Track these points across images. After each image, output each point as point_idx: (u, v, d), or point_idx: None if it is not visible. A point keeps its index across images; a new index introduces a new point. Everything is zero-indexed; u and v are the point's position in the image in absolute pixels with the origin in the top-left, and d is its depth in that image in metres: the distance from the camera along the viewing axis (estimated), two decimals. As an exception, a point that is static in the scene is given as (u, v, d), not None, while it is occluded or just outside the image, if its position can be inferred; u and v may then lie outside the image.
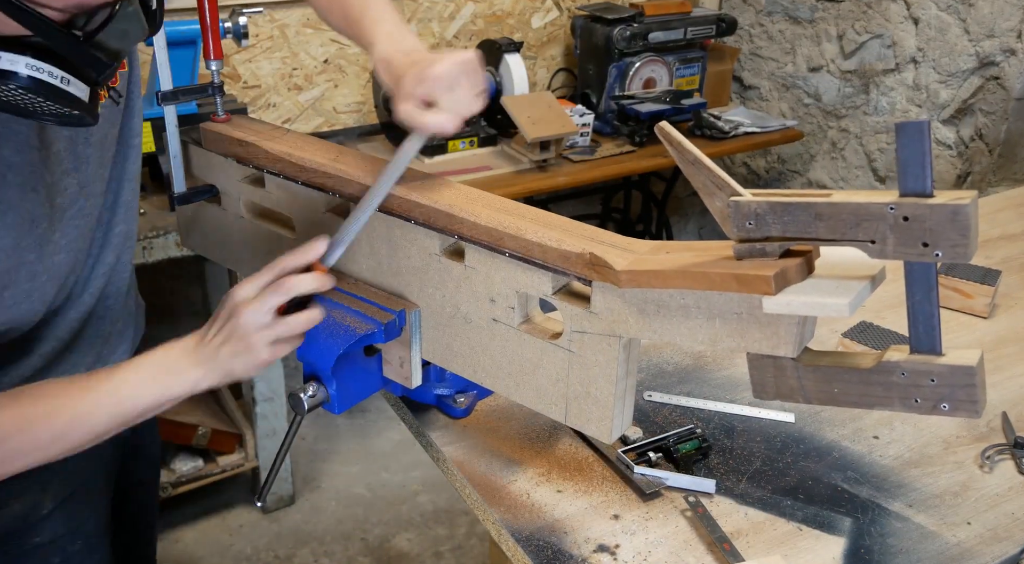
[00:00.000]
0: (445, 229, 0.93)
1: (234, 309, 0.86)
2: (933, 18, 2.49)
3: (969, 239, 0.69)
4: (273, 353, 0.88)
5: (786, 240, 0.76)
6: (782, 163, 3.15)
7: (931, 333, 0.77)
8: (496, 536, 0.98)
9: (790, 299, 0.75)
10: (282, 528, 2.37)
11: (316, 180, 1.02)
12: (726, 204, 0.77)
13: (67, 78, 0.76)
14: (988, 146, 2.46)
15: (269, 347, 0.87)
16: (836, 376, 0.82)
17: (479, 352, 0.96)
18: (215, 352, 0.87)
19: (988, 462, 1.06)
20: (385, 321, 0.95)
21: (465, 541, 2.35)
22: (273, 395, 2.27)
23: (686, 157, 0.77)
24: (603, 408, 0.88)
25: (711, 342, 0.81)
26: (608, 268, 0.82)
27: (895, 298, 1.37)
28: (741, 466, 1.05)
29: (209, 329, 0.88)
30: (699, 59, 2.74)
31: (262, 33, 2.41)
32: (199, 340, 0.88)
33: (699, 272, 0.78)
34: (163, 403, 0.87)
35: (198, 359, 0.87)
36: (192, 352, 0.87)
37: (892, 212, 0.71)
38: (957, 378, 0.77)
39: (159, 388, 0.86)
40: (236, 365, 0.87)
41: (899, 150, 0.70)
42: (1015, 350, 1.30)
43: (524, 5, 2.83)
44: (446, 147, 2.46)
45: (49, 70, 0.74)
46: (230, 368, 0.87)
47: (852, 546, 0.94)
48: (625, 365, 0.87)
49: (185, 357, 0.87)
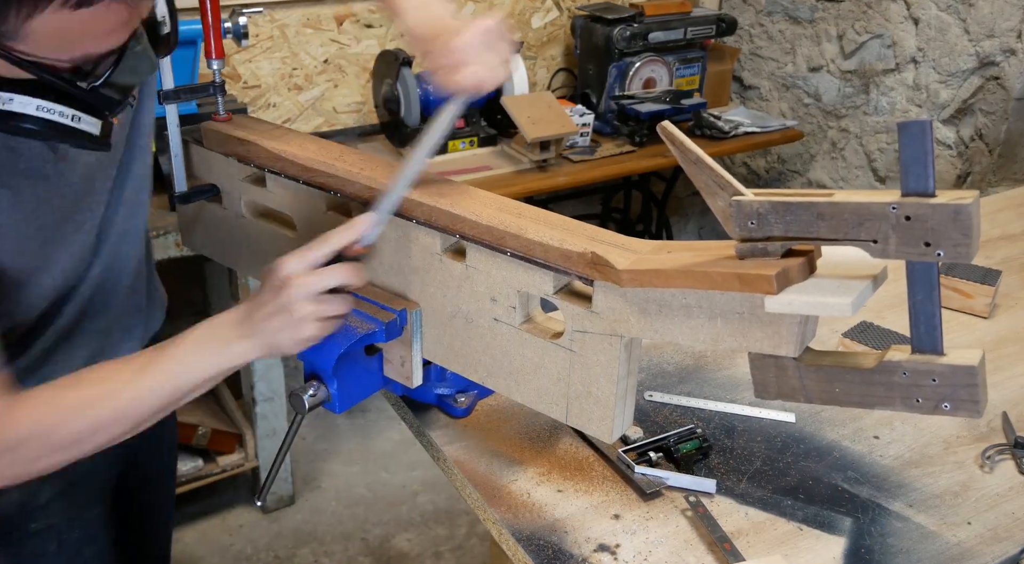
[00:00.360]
0: (447, 228, 0.93)
1: (284, 282, 0.85)
2: (933, 18, 2.49)
3: (971, 239, 0.69)
4: (320, 330, 0.87)
5: (788, 240, 0.76)
6: (782, 163, 3.15)
7: (933, 333, 0.77)
8: (496, 536, 0.98)
9: (792, 298, 0.75)
10: (282, 528, 2.37)
11: (318, 179, 1.02)
12: (728, 204, 0.77)
13: (78, 116, 0.78)
14: (988, 146, 2.46)
15: (316, 323, 0.86)
16: (838, 376, 0.82)
17: (480, 352, 0.96)
18: (263, 325, 0.86)
19: (988, 462, 1.06)
20: (386, 320, 0.95)
21: (465, 541, 2.35)
22: (273, 395, 2.27)
23: (688, 157, 0.77)
24: (604, 408, 0.88)
25: (713, 342, 0.81)
26: (610, 267, 0.82)
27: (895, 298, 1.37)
28: (741, 466, 1.05)
29: (256, 301, 0.87)
30: (699, 59, 2.74)
31: (262, 33, 2.41)
32: (246, 313, 0.87)
33: (701, 271, 0.78)
34: (215, 376, 0.87)
35: (245, 331, 0.86)
36: (239, 324, 0.87)
37: (894, 212, 0.71)
38: (959, 378, 0.77)
39: (209, 362, 0.86)
40: (283, 339, 0.86)
41: (901, 149, 0.70)
42: (1015, 350, 1.30)
43: (524, 5, 2.83)
44: (446, 147, 2.46)
45: (60, 110, 0.76)
46: (276, 341, 0.86)
47: (852, 546, 0.94)
48: (626, 365, 0.87)
49: (232, 330, 0.87)
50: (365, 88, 2.63)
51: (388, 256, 1.00)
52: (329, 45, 2.54)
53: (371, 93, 2.58)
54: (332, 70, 2.57)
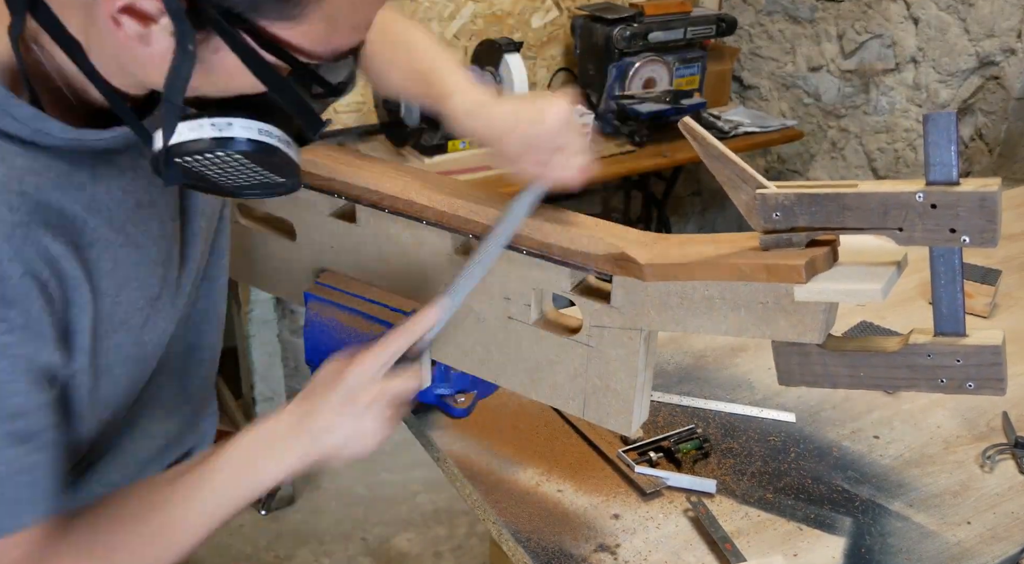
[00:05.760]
0: (458, 228, 0.92)
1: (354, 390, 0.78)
2: (933, 18, 2.49)
3: (996, 225, 0.71)
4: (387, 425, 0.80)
5: (813, 230, 0.77)
6: (782, 163, 3.15)
7: (956, 315, 0.78)
8: (496, 536, 0.98)
9: (823, 286, 0.76)
10: (282, 528, 2.37)
11: (318, 183, 1.02)
12: (752, 197, 0.78)
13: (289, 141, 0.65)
14: (988, 146, 2.46)
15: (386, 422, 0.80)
16: (862, 360, 0.83)
17: (493, 351, 0.96)
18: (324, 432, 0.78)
19: (988, 462, 1.06)
20: (396, 323, 0.95)
21: (465, 541, 2.35)
22: (273, 395, 2.27)
23: (711, 152, 0.78)
24: (623, 402, 0.88)
25: (736, 332, 0.82)
26: (633, 263, 0.82)
27: (895, 298, 1.37)
28: (741, 466, 1.05)
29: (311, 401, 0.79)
30: (699, 59, 2.74)
31: (262, 33, 2.41)
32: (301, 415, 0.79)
33: (728, 263, 0.79)
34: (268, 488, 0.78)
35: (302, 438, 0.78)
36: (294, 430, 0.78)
37: (920, 200, 0.72)
38: (984, 357, 0.78)
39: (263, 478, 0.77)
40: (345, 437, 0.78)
41: (926, 140, 0.72)
42: (1015, 350, 1.29)
43: (524, 5, 2.83)
44: (446, 147, 2.46)
45: (278, 134, 0.64)
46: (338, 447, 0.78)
47: (852, 546, 0.94)
48: (645, 358, 0.87)
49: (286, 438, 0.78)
50: (365, 88, 2.63)
51: (396, 258, 0.99)
52: (329, 45, 2.53)
53: (371, 93, 2.58)
54: (332, 70, 2.57)
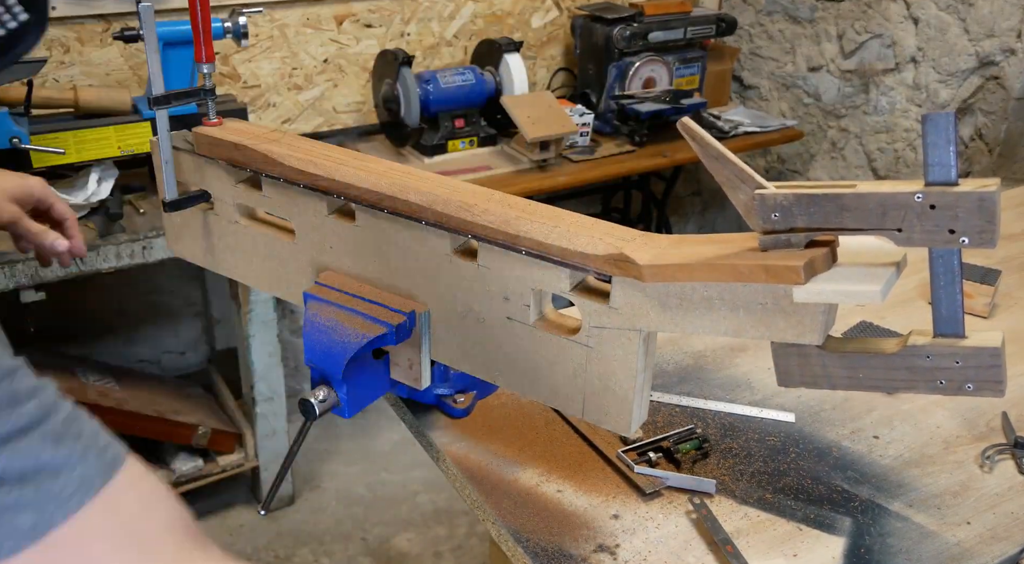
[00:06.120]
0: (458, 229, 0.92)
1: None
2: (933, 18, 2.49)
3: (995, 225, 0.71)
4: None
5: (811, 231, 0.77)
6: (782, 163, 3.15)
7: (955, 317, 0.78)
8: (496, 536, 0.98)
9: (822, 288, 0.76)
10: (282, 528, 2.37)
11: (318, 183, 1.01)
12: (751, 197, 0.78)
13: None
14: (988, 146, 2.46)
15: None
16: (861, 362, 0.83)
17: (492, 351, 0.96)
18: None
19: (988, 462, 1.06)
20: (396, 323, 0.95)
21: (465, 541, 2.35)
22: (273, 395, 2.27)
23: (710, 152, 0.78)
24: (622, 402, 0.88)
25: (735, 333, 0.82)
26: (632, 263, 0.82)
27: (895, 298, 1.37)
28: (741, 466, 1.05)
29: None
30: (699, 59, 2.74)
31: (262, 33, 2.41)
32: None
33: (727, 264, 0.78)
34: None
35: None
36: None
37: (919, 200, 0.72)
38: (982, 359, 0.78)
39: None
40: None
41: (925, 140, 0.71)
42: (1015, 350, 1.30)
43: (524, 5, 2.83)
44: (446, 147, 2.46)
45: None
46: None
47: (852, 546, 0.94)
48: (644, 358, 0.87)
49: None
50: (365, 88, 2.63)
51: (395, 258, 0.99)
52: (329, 45, 2.54)
53: (371, 93, 2.58)
54: (332, 70, 2.57)
